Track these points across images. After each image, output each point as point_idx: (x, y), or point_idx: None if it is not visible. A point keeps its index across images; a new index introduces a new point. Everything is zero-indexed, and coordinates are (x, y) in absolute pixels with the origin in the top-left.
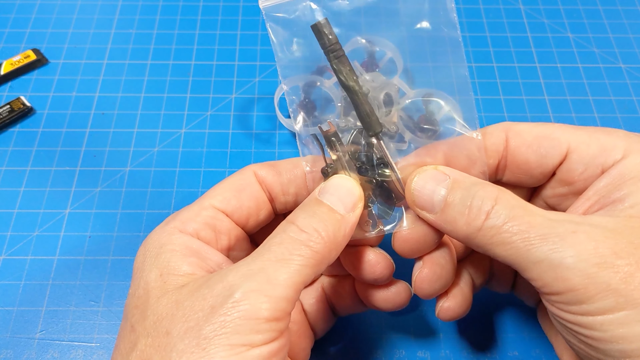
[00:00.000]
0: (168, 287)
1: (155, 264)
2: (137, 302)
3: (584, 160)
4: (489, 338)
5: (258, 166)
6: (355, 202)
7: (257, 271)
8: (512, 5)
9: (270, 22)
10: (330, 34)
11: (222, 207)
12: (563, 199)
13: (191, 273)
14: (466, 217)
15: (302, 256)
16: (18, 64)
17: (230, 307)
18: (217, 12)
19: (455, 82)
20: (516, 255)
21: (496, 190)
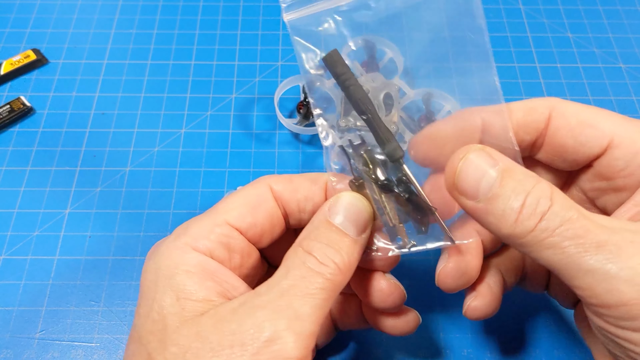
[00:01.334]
0: (186, 315)
1: (169, 285)
2: (153, 328)
3: (626, 157)
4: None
5: (274, 180)
6: (366, 223)
7: (285, 307)
8: (512, 5)
9: (295, 36)
10: (341, 65)
11: (236, 225)
12: (601, 193)
13: (209, 299)
14: (517, 215)
15: (324, 289)
16: (18, 64)
17: (263, 347)
18: (217, 12)
19: (482, 90)
20: (566, 261)
21: (550, 188)
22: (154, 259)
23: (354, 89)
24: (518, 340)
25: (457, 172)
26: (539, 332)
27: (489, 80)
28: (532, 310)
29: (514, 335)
